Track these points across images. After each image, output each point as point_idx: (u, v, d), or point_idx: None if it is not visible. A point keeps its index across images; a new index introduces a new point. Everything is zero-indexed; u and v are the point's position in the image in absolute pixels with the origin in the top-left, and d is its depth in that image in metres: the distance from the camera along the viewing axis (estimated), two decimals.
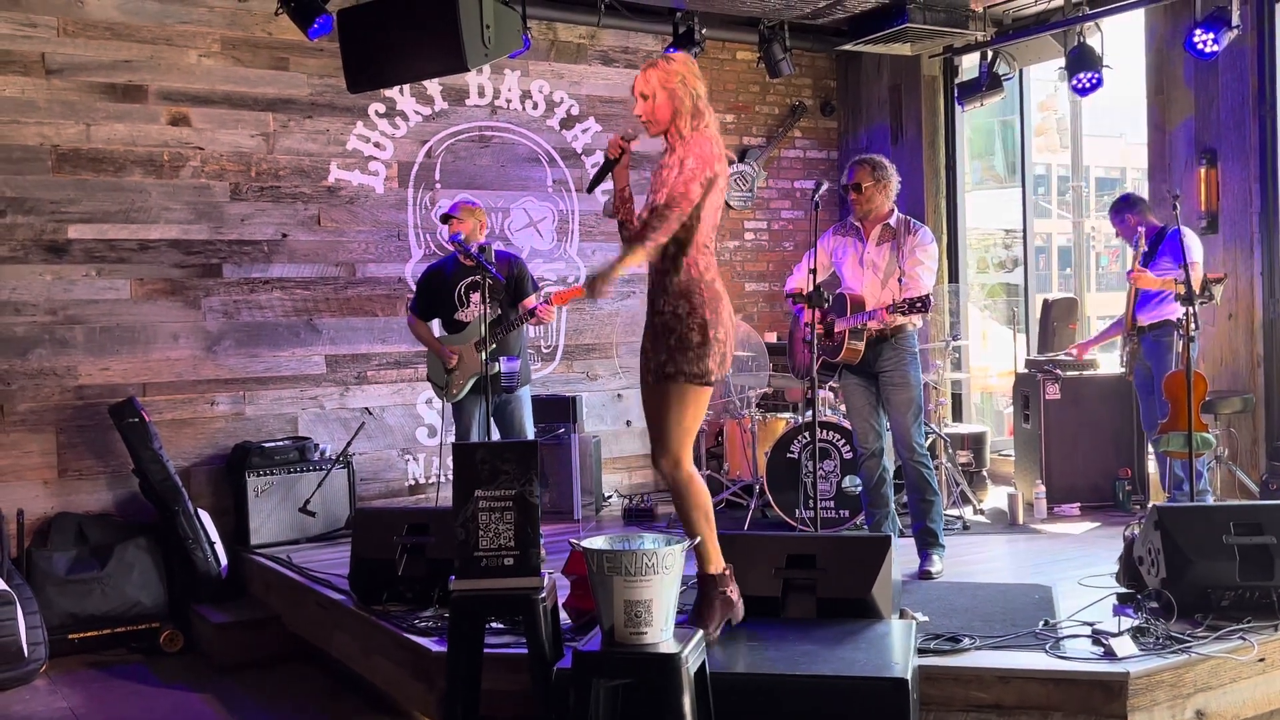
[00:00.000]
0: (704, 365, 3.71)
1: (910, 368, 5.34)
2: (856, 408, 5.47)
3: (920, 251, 5.29)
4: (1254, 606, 4.17)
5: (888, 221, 5.38)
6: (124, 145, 6.42)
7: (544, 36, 7.64)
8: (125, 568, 6.06)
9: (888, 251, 5.34)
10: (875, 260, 5.38)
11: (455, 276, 6.06)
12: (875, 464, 5.44)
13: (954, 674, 3.85)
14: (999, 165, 15.87)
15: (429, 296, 6.15)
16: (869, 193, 5.34)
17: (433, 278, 6.18)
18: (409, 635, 4.45)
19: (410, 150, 7.27)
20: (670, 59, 3.83)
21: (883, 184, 5.35)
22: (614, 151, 3.85)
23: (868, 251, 5.40)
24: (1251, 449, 6.43)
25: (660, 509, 7.11)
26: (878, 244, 5.37)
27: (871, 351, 5.33)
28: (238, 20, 6.70)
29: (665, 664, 3.11)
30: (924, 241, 5.32)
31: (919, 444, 5.33)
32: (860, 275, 5.41)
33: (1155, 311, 6.16)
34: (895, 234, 5.35)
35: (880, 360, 5.34)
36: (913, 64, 8.31)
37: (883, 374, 5.35)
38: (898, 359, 5.33)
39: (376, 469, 7.14)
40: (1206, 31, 6.17)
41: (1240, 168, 6.51)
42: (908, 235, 5.33)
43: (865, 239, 5.41)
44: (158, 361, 6.52)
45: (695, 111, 3.76)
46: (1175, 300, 6.02)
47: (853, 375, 5.44)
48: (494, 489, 3.74)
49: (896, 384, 5.33)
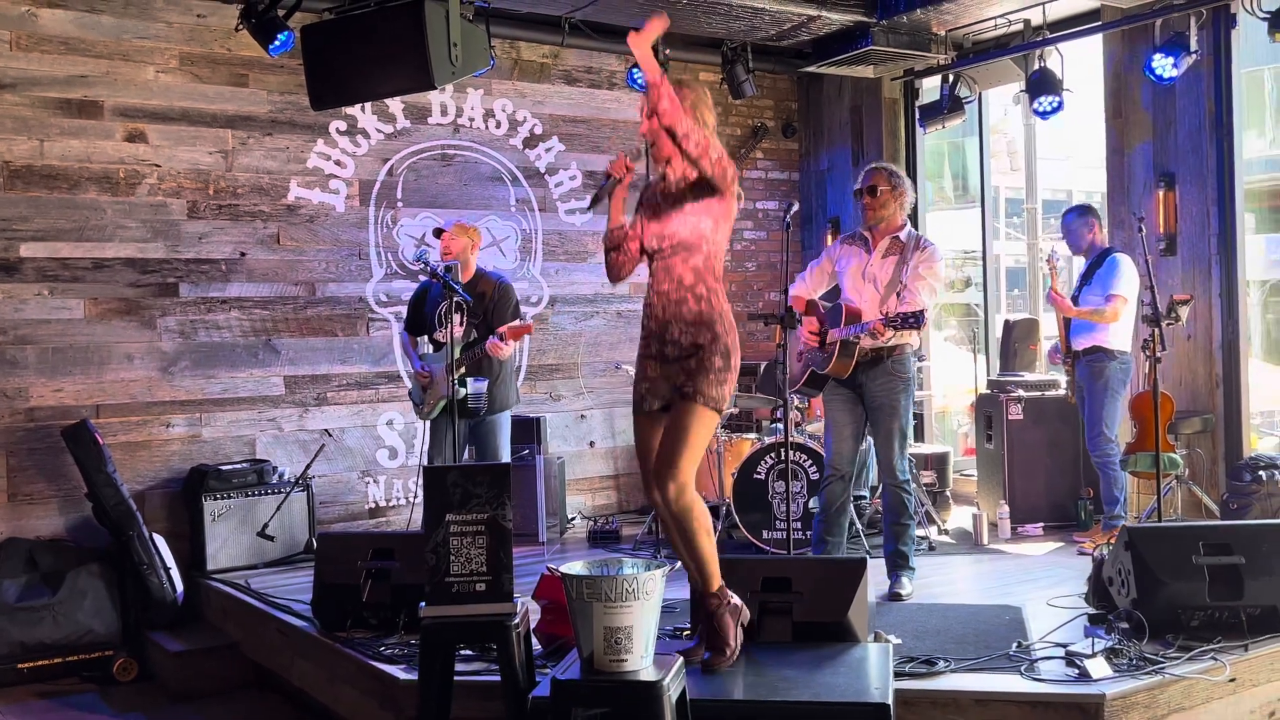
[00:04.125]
0: (721, 391, 3.68)
1: (903, 394, 5.21)
2: (837, 424, 5.33)
3: (924, 267, 5.15)
4: (1224, 626, 4.19)
5: (898, 235, 5.26)
6: (79, 162, 6.29)
7: (507, 55, 7.60)
8: (77, 595, 5.89)
9: (892, 266, 5.22)
10: (878, 274, 5.25)
11: (439, 297, 5.96)
12: (840, 488, 5.34)
13: (930, 697, 3.83)
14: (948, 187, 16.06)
15: (415, 314, 6.07)
16: (884, 198, 5.23)
17: (421, 296, 6.09)
18: (375, 663, 4.36)
19: (372, 168, 7.19)
20: (685, 83, 3.82)
21: (898, 192, 5.25)
22: (618, 170, 3.81)
23: (871, 263, 5.27)
24: (1211, 469, 6.50)
25: (625, 530, 7.05)
26: (883, 256, 5.26)
27: (864, 372, 5.21)
28: (196, 36, 6.60)
29: (646, 692, 3.05)
30: (931, 258, 5.17)
31: (903, 469, 5.26)
32: (861, 288, 5.28)
33: (1088, 337, 6.22)
34: (903, 248, 5.23)
35: (872, 382, 5.22)
36: (874, 86, 8.37)
37: (873, 396, 5.22)
38: (890, 383, 5.19)
39: (336, 491, 7.02)
40: (1165, 56, 6.26)
41: (1198, 190, 6.60)
42: (915, 251, 5.20)
43: (872, 250, 5.30)
44: (112, 383, 6.38)
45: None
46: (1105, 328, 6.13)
47: (840, 390, 5.31)
48: (466, 513, 3.67)
49: (886, 410, 5.20)
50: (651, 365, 3.76)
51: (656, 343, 3.74)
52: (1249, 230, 7.68)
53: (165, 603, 5.98)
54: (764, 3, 6.74)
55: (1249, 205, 7.10)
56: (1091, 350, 6.20)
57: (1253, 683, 4.05)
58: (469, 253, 5.89)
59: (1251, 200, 11.93)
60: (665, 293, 3.73)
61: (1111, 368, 6.14)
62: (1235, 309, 6.49)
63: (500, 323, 5.77)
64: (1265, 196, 12.90)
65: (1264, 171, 13.14)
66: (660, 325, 3.73)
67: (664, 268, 3.76)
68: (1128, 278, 6.12)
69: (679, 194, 3.77)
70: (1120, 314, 6.08)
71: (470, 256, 5.90)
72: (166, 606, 5.99)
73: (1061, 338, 6.40)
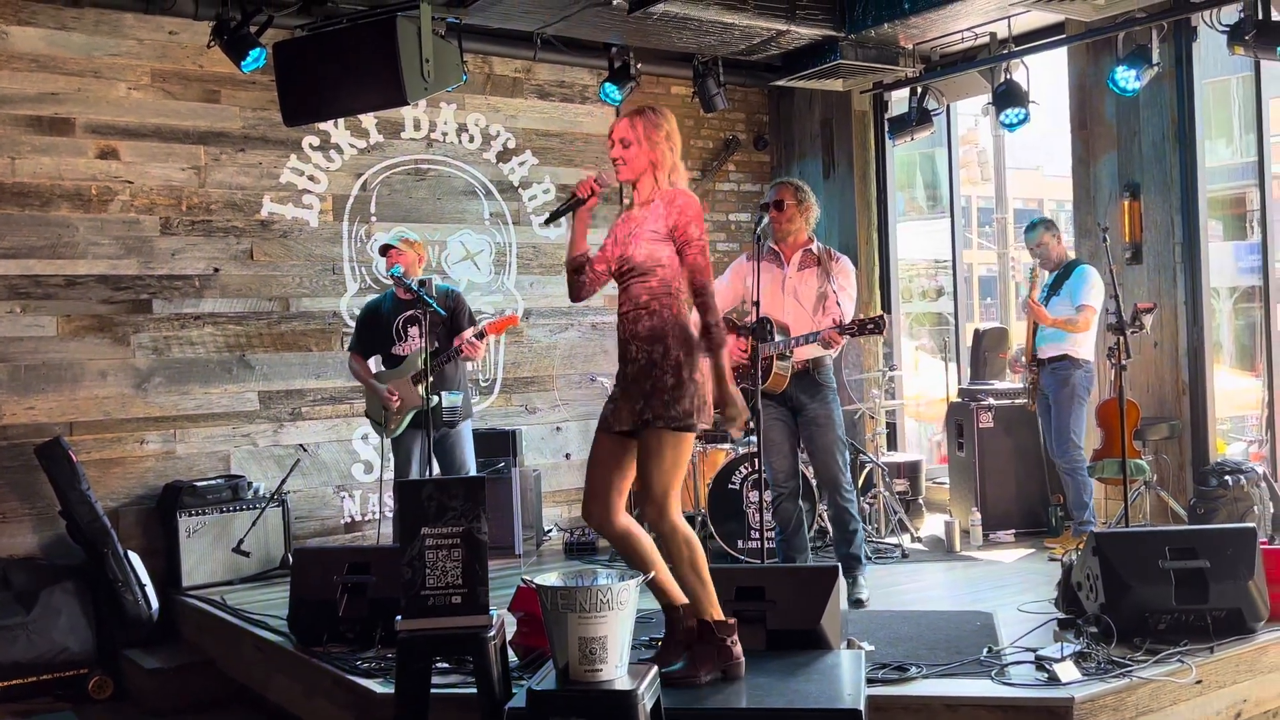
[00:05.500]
0: (680, 408, 3.64)
1: (833, 404, 5.33)
2: (775, 443, 5.35)
3: (844, 278, 5.34)
4: (1190, 629, 4.26)
5: (808, 248, 5.40)
6: (50, 179, 6.28)
7: (480, 70, 7.64)
8: (51, 612, 5.87)
9: (813, 277, 5.33)
10: (798, 287, 5.35)
11: (393, 311, 6.02)
12: (791, 506, 5.39)
13: (902, 703, 3.87)
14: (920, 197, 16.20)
15: (367, 333, 6.09)
16: (790, 211, 5.34)
17: (370, 314, 6.13)
18: (352, 677, 4.36)
19: (345, 183, 7.21)
20: (656, 111, 3.87)
21: (804, 206, 5.38)
22: (584, 191, 3.85)
23: (788, 277, 5.37)
24: (1178, 474, 6.59)
25: (601, 542, 7.07)
26: (799, 269, 5.37)
27: (795, 385, 5.28)
28: (168, 53, 6.60)
29: (621, 701, 3.09)
30: (846, 269, 5.38)
31: (846, 483, 5.33)
32: (781, 301, 5.34)
33: (1055, 345, 6.33)
34: (819, 260, 5.36)
35: (802, 395, 5.30)
36: (844, 99, 8.45)
37: (805, 411, 5.30)
38: (821, 395, 5.30)
39: (312, 507, 7.02)
40: (1128, 69, 6.36)
41: (1162, 200, 6.70)
42: (832, 262, 5.35)
43: (785, 264, 5.41)
44: (85, 400, 6.36)
45: (674, 167, 3.84)
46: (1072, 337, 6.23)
47: (774, 409, 5.33)
48: (441, 526, 3.69)
49: (821, 424, 5.29)
50: (618, 385, 3.82)
51: (620, 362, 3.81)
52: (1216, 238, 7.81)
53: (140, 620, 5.96)
54: (734, 18, 6.81)
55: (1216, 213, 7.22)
56: (1059, 358, 6.29)
57: (1219, 684, 4.12)
58: (416, 267, 5.94)
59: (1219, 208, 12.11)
60: (625, 314, 3.80)
61: (1077, 375, 6.23)
62: (1200, 316, 6.59)
63: (459, 330, 5.84)
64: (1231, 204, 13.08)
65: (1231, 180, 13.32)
66: (622, 344, 3.80)
67: (624, 290, 3.83)
68: (1096, 288, 6.23)
69: (640, 221, 3.82)
70: (1091, 324, 6.21)
71: (418, 270, 5.95)
72: (142, 624, 5.96)
73: (1028, 345, 6.50)
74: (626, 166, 3.84)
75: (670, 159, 3.83)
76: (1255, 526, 5.09)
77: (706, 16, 6.77)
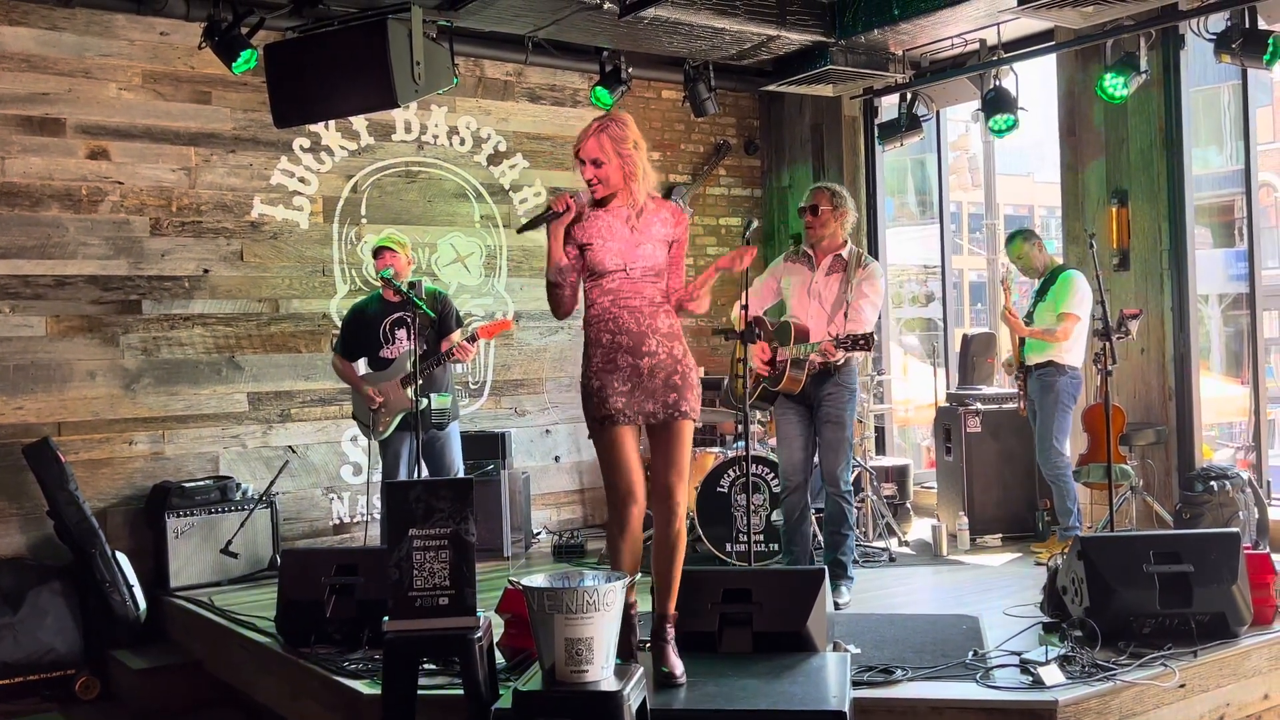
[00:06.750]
0: (699, 403, 3.93)
1: (848, 406, 5.38)
2: (788, 438, 5.46)
3: (867, 285, 5.33)
4: (1174, 633, 4.28)
5: (840, 253, 5.42)
6: (40, 179, 6.27)
7: (471, 73, 7.65)
8: (39, 613, 5.86)
9: (836, 284, 5.37)
10: (822, 291, 5.40)
11: (380, 314, 6.03)
12: (798, 499, 5.45)
13: (887, 705, 3.89)
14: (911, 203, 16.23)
15: (354, 335, 6.10)
16: (824, 217, 5.39)
17: (357, 316, 6.14)
18: (339, 678, 4.37)
19: (335, 185, 7.21)
20: (618, 122, 3.89)
21: (839, 212, 5.41)
22: (560, 205, 3.85)
23: (815, 281, 5.42)
24: (1165, 479, 6.62)
25: (590, 545, 7.08)
26: (827, 274, 5.41)
27: (813, 384, 5.34)
28: (159, 54, 6.60)
29: (607, 702, 3.09)
30: (873, 276, 5.36)
31: (845, 480, 5.39)
32: (806, 305, 5.42)
33: (1041, 352, 6.34)
34: (846, 266, 5.38)
35: (821, 394, 5.36)
36: (834, 104, 8.48)
37: (821, 408, 5.37)
38: (838, 395, 5.35)
39: (300, 508, 7.02)
40: (1115, 76, 6.40)
41: (1150, 207, 6.74)
42: (858, 268, 5.36)
43: (815, 267, 5.45)
44: (74, 400, 6.35)
45: (645, 172, 3.89)
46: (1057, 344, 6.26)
47: (790, 405, 5.43)
48: (429, 527, 3.70)
49: (833, 421, 5.36)
50: (620, 379, 3.81)
51: (629, 356, 3.81)
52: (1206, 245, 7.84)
53: (128, 620, 5.95)
54: (725, 23, 6.84)
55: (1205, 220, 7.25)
56: (1044, 364, 6.31)
57: (1202, 688, 4.14)
58: (406, 269, 5.97)
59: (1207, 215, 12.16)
60: (638, 308, 3.84)
61: (1061, 382, 6.24)
62: (1187, 322, 6.63)
63: (447, 333, 5.85)
64: (1219, 211, 13.14)
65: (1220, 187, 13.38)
66: (633, 336, 3.82)
67: (630, 286, 3.85)
68: (1081, 296, 6.24)
69: (646, 225, 3.88)
70: (1071, 333, 6.20)
71: (407, 273, 5.97)
72: (129, 624, 5.96)
73: (1015, 352, 6.52)
74: (603, 185, 3.89)
75: (641, 164, 3.88)
76: (1239, 531, 5.13)
77: (697, 21, 6.80)
